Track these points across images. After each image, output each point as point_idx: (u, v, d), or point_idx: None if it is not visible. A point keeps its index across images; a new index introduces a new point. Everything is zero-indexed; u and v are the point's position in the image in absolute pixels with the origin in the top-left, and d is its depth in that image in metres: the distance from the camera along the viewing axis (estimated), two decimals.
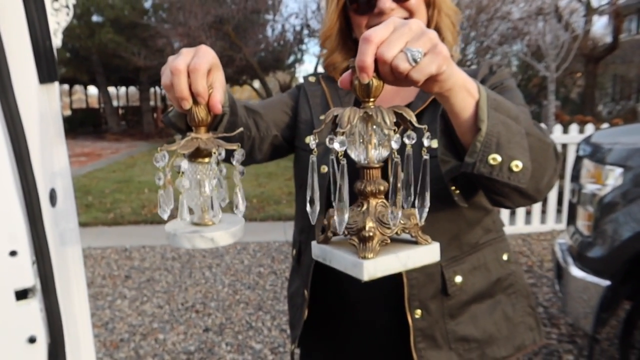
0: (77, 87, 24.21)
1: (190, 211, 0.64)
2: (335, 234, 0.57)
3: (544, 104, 7.98)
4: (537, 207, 4.76)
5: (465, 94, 0.60)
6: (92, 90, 23.58)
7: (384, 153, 0.55)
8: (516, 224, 4.74)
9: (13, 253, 0.75)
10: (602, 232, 2.24)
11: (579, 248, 2.36)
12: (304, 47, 15.30)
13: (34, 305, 0.76)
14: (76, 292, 0.90)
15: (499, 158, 0.61)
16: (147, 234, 5.21)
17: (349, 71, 0.55)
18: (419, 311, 0.87)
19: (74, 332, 0.88)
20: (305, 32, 13.82)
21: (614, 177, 2.29)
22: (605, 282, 2.16)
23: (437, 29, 0.94)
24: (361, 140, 0.55)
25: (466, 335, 0.90)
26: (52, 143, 0.87)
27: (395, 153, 0.52)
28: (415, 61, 0.51)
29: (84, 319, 0.92)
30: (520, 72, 12.58)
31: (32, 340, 0.76)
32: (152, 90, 21.61)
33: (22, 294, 0.75)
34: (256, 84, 15.79)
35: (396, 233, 0.55)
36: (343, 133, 0.52)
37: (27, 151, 0.76)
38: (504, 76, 0.91)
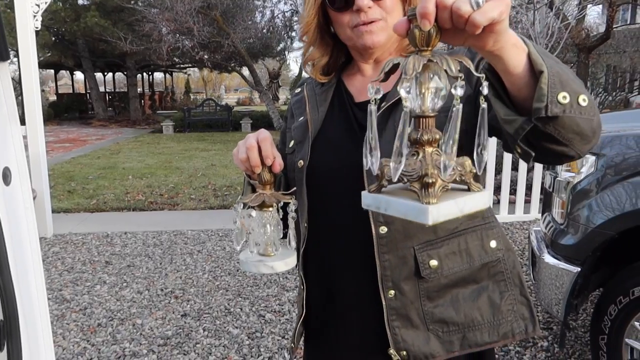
0: (64, 72, 23.81)
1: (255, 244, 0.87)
2: (390, 182, 0.57)
3: None
4: (520, 197, 4.81)
5: (516, 49, 0.61)
6: (79, 75, 23.22)
7: (439, 103, 0.55)
8: (500, 213, 4.79)
9: None
10: (574, 219, 2.27)
11: (552, 236, 2.39)
12: (293, 33, 15.16)
13: None
14: (32, 270, 0.89)
15: (567, 95, 0.62)
16: (130, 220, 5.18)
17: (405, 18, 0.54)
18: (392, 291, 0.89)
19: (29, 310, 0.88)
20: (295, 18, 13.70)
21: (588, 165, 2.32)
22: (576, 269, 2.19)
23: None
24: (417, 90, 0.54)
25: (445, 317, 0.90)
26: (4, 122, 0.86)
27: (459, 100, 0.51)
28: (478, 5, 0.50)
29: (40, 297, 0.91)
30: None
31: None
32: (139, 76, 21.33)
33: None
34: (245, 71, 15.64)
35: (454, 180, 0.55)
36: (409, 80, 0.52)
37: None
38: None
